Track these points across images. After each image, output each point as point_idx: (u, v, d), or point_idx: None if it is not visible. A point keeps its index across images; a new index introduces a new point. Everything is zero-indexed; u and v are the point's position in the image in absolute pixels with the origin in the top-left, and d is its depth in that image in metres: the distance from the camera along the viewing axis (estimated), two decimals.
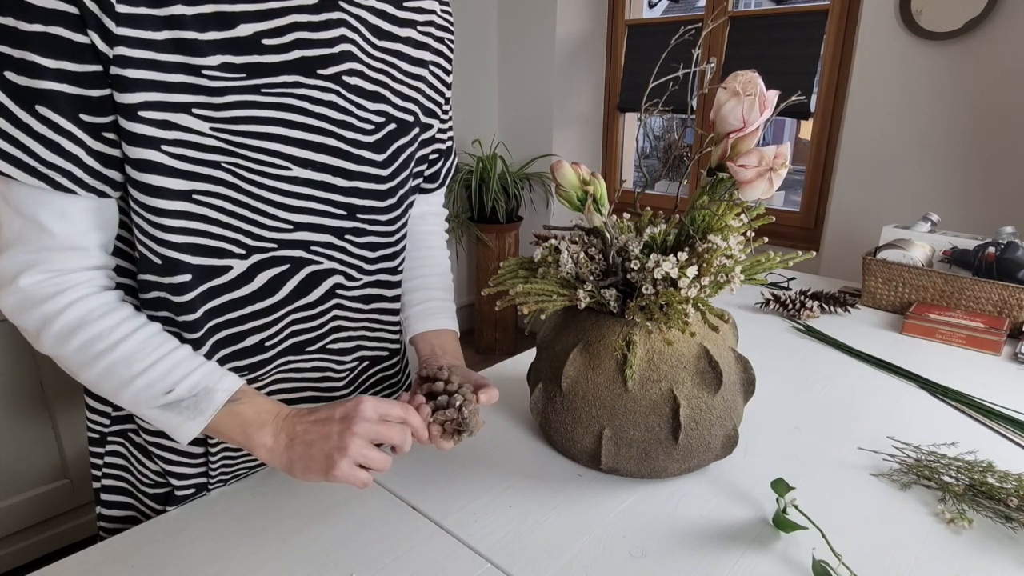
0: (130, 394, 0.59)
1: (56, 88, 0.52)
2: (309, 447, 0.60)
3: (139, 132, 0.55)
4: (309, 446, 0.60)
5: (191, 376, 0.60)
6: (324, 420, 0.61)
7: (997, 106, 1.84)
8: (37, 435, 1.70)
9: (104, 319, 0.59)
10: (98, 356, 0.58)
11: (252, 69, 0.59)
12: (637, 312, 0.69)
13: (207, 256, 0.64)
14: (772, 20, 2.32)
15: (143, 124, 0.55)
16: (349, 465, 0.59)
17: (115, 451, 0.76)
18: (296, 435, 0.61)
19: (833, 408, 0.92)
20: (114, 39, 0.52)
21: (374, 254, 0.76)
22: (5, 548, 1.70)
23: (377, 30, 0.69)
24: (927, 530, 0.67)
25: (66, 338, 0.58)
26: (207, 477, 0.75)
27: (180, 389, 0.60)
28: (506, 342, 3.03)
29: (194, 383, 0.60)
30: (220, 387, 0.61)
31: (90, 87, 0.53)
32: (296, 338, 0.73)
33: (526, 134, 3.00)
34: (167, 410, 0.60)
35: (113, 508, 0.78)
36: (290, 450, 0.61)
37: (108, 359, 0.58)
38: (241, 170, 0.61)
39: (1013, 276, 1.19)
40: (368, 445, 0.59)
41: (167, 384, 0.59)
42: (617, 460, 0.73)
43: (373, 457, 0.60)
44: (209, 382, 0.61)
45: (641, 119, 0.86)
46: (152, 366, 0.59)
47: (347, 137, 0.67)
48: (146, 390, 0.59)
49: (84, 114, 0.54)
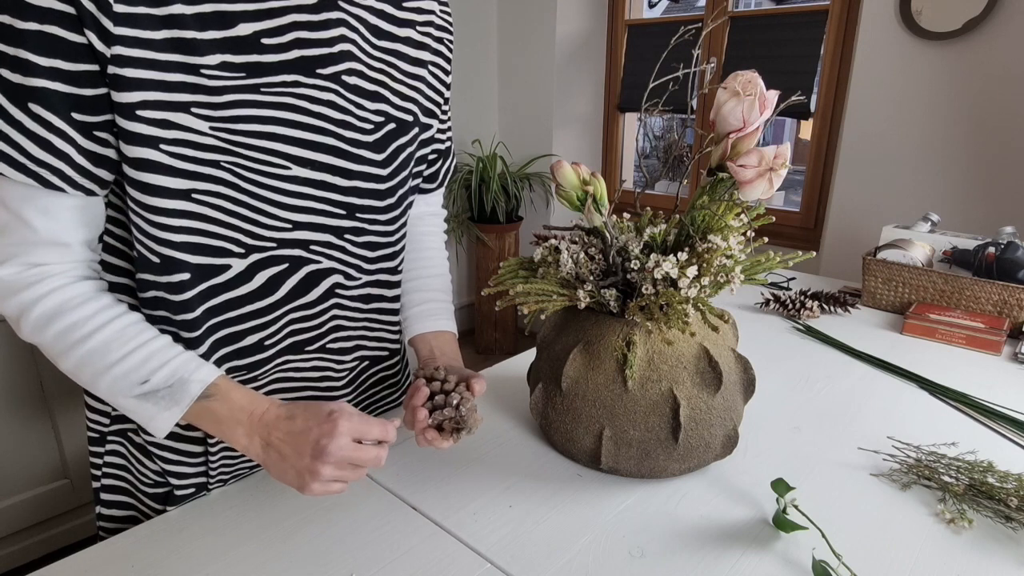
0: (106, 383, 0.59)
1: (49, 86, 0.52)
2: (283, 459, 0.60)
3: (138, 131, 0.55)
4: (283, 458, 0.60)
5: (167, 366, 0.60)
6: (300, 434, 0.59)
7: (997, 106, 1.84)
8: (37, 435, 1.70)
9: (81, 308, 0.59)
10: (75, 344, 0.58)
11: (251, 68, 0.59)
12: (637, 312, 0.69)
13: (206, 255, 0.63)
14: (772, 20, 2.32)
15: (142, 123, 0.55)
16: (322, 485, 0.59)
17: (115, 451, 0.76)
18: (271, 442, 0.60)
19: (833, 408, 0.92)
20: (112, 39, 0.52)
21: (374, 254, 0.76)
22: (5, 548, 1.70)
23: (376, 30, 0.69)
24: (927, 530, 0.67)
25: (44, 326, 0.58)
26: (207, 477, 0.75)
27: (156, 379, 0.59)
28: (506, 342, 3.03)
29: (170, 373, 0.60)
30: (195, 377, 0.60)
31: (84, 86, 0.53)
32: (295, 337, 0.73)
33: (526, 134, 3.00)
34: (143, 400, 0.59)
35: (113, 508, 0.78)
36: (265, 453, 0.61)
37: (84, 347, 0.58)
38: (240, 169, 0.61)
39: (1013, 276, 1.19)
40: (341, 465, 0.59)
41: (143, 374, 0.59)
42: (617, 460, 0.73)
43: (346, 475, 0.59)
44: (185, 372, 0.60)
45: (641, 119, 0.86)
46: (128, 355, 0.59)
47: (346, 137, 0.67)
48: (122, 379, 0.59)
49: (77, 113, 0.54)
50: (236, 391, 0.62)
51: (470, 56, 2.88)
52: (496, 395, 0.96)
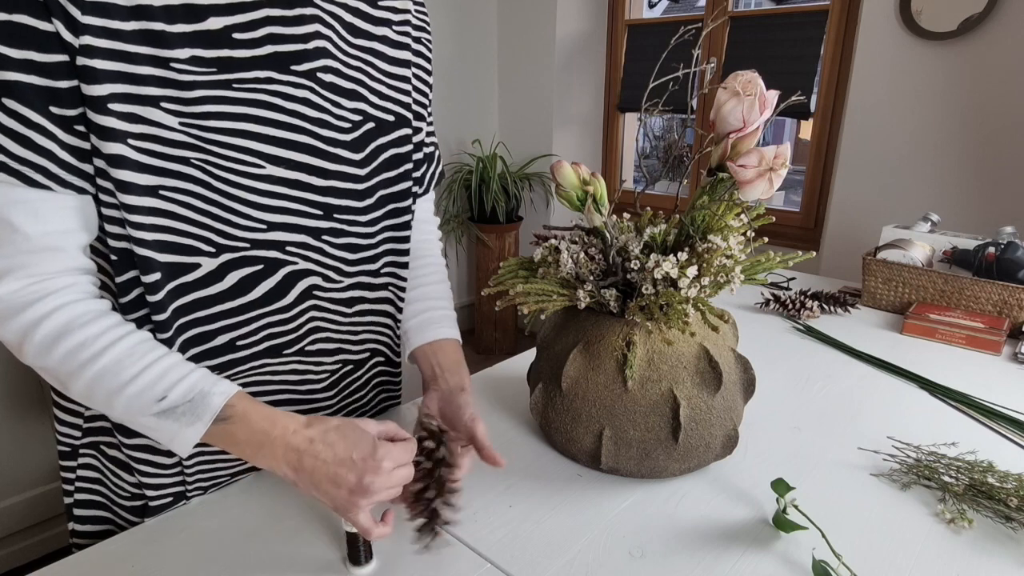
0: (122, 403, 0.56)
1: (23, 80, 0.51)
2: (316, 486, 0.57)
3: (108, 125, 0.54)
4: (316, 486, 0.57)
5: (185, 380, 0.58)
6: (340, 464, 0.56)
7: (997, 106, 1.84)
8: (37, 435, 1.70)
9: (88, 326, 0.56)
10: (84, 365, 0.55)
11: (223, 63, 0.58)
12: (637, 312, 0.69)
13: (174, 253, 0.61)
14: (772, 20, 2.32)
15: (111, 117, 0.54)
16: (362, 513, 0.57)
17: (88, 464, 0.73)
18: (302, 467, 0.57)
19: (833, 408, 0.92)
20: (80, 27, 0.51)
21: (354, 256, 0.74)
22: (5, 548, 1.70)
23: (352, 28, 0.68)
24: (927, 530, 0.67)
25: (49, 348, 0.55)
26: (183, 486, 0.73)
27: (174, 395, 0.57)
28: (506, 342, 3.03)
29: (188, 387, 0.57)
30: (216, 390, 0.58)
31: (58, 78, 0.52)
32: (272, 340, 0.71)
33: (526, 134, 3.00)
34: (163, 417, 0.57)
35: (87, 523, 0.76)
36: (296, 476, 0.58)
37: (95, 368, 0.56)
38: (211, 167, 0.60)
39: (1013, 276, 1.19)
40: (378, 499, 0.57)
41: (160, 390, 0.56)
42: (617, 460, 0.73)
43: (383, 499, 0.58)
44: (204, 385, 0.58)
45: (641, 119, 0.86)
46: (142, 372, 0.56)
47: (323, 135, 0.66)
48: (138, 398, 0.56)
49: (54, 107, 0.53)
50: (255, 412, 0.59)
51: (470, 56, 2.88)
52: (496, 395, 0.96)
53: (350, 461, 0.56)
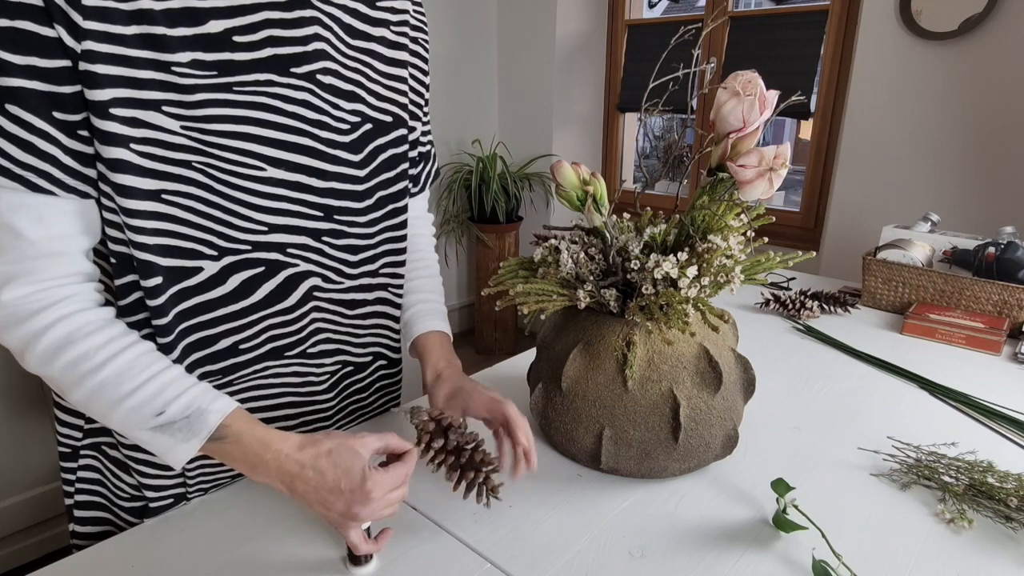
0: (120, 416, 0.56)
1: (26, 85, 0.51)
2: (310, 506, 0.58)
3: (110, 130, 0.54)
4: (310, 505, 0.58)
5: (182, 397, 0.57)
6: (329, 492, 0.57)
7: (997, 106, 1.84)
8: (37, 435, 1.69)
9: (91, 337, 0.56)
10: (85, 376, 0.55)
11: (223, 66, 0.58)
12: (637, 312, 0.69)
13: (177, 257, 0.61)
14: (772, 20, 2.32)
15: (114, 121, 0.54)
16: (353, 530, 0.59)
17: (89, 465, 0.73)
18: (295, 490, 0.58)
19: (833, 408, 0.92)
20: (81, 33, 0.51)
21: (355, 257, 0.74)
22: (5, 548, 1.70)
23: (351, 29, 0.68)
24: (927, 530, 0.67)
25: (52, 357, 0.55)
26: (184, 488, 0.73)
27: (172, 410, 0.57)
28: (506, 342, 3.03)
29: (186, 404, 0.57)
30: (213, 408, 0.58)
31: (61, 83, 0.52)
32: (275, 343, 0.71)
33: (526, 134, 3.00)
34: (159, 432, 0.57)
35: (88, 524, 0.76)
36: (291, 494, 0.58)
37: (95, 379, 0.55)
38: (213, 170, 0.60)
39: (1013, 276, 1.19)
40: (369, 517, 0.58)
41: (158, 405, 0.56)
42: (617, 460, 0.73)
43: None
44: (202, 403, 0.58)
45: (641, 119, 0.86)
46: (141, 386, 0.56)
47: (322, 137, 0.66)
48: (136, 411, 0.56)
49: (57, 112, 0.53)
50: (249, 433, 0.59)
51: (470, 56, 2.88)
52: None
53: (338, 491, 0.56)
